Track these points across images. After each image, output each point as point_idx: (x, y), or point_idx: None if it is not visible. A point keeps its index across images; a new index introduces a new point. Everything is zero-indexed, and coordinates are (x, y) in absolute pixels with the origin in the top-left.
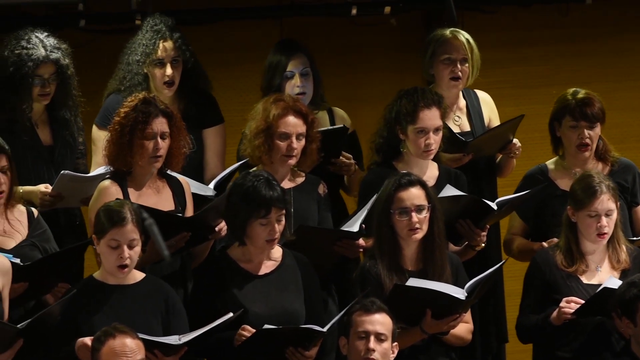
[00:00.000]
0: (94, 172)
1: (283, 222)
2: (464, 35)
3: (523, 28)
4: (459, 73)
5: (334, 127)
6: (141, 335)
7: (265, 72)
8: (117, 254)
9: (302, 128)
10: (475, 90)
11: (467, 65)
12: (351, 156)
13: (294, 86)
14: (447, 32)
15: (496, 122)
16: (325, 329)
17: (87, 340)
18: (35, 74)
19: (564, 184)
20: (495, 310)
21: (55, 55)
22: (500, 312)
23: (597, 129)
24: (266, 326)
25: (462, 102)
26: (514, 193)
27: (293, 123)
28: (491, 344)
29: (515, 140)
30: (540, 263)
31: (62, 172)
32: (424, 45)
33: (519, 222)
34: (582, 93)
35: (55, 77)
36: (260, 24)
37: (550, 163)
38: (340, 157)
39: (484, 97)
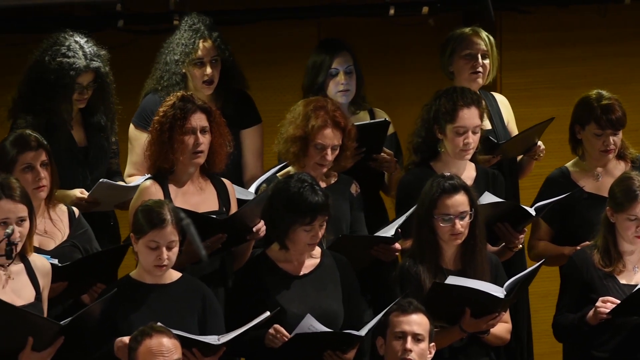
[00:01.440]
0: (132, 183)
1: (325, 225)
2: (484, 33)
3: (561, 28)
4: (480, 68)
5: (376, 120)
6: (181, 333)
7: (309, 70)
8: (155, 255)
9: (338, 140)
10: (492, 93)
11: (487, 60)
12: (392, 153)
13: (338, 83)
14: (468, 29)
15: (513, 124)
16: (363, 333)
17: (126, 339)
18: (75, 82)
19: (587, 185)
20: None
21: (96, 64)
22: (524, 312)
23: (620, 134)
24: (307, 323)
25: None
26: (537, 197)
27: (330, 136)
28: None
29: (539, 143)
30: (578, 262)
31: (100, 180)
32: (443, 44)
33: (544, 226)
34: (605, 99)
35: (93, 84)
36: (299, 24)
37: (570, 165)
38: (382, 154)
39: (501, 99)
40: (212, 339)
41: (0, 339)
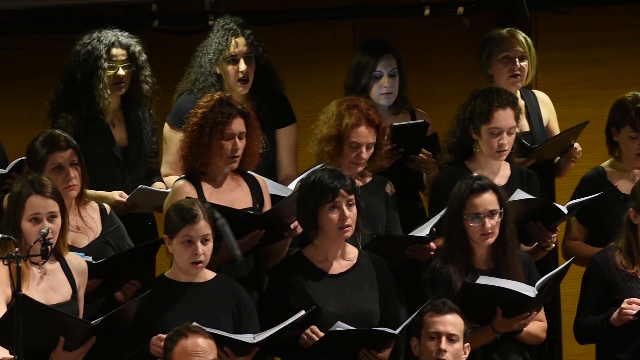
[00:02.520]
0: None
1: (354, 210)
2: (521, 34)
3: (597, 28)
4: (518, 71)
5: (415, 121)
6: (215, 331)
7: (352, 71)
8: (191, 251)
9: (372, 138)
10: (534, 91)
11: (525, 62)
12: (430, 154)
13: (381, 86)
14: (504, 31)
15: (554, 123)
16: (397, 331)
17: (163, 337)
18: (108, 58)
19: (623, 186)
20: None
21: (126, 40)
22: (555, 312)
23: None
24: (337, 327)
25: (520, 102)
26: (572, 197)
27: (365, 134)
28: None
29: (576, 145)
30: (600, 263)
31: (139, 186)
32: (480, 46)
33: (578, 226)
34: None
35: (128, 65)
36: (334, 25)
37: (606, 165)
38: (420, 154)
39: (542, 97)
40: (247, 338)
41: (32, 338)
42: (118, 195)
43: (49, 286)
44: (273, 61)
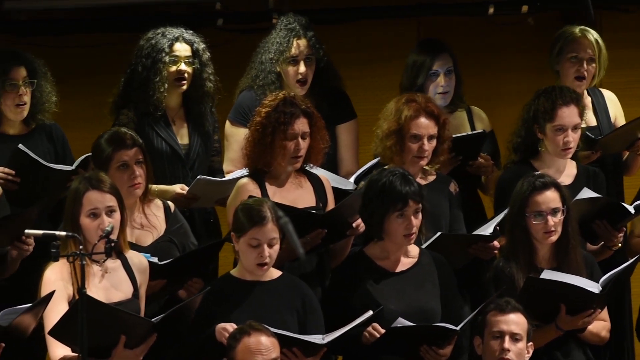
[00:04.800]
0: (230, 176)
1: (420, 217)
2: (593, 35)
3: None
4: (584, 73)
5: (473, 132)
6: (286, 333)
7: (408, 70)
8: (257, 253)
9: (433, 129)
10: (601, 89)
11: (593, 65)
12: (489, 157)
13: (437, 85)
14: (577, 30)
15: (622, 120)
16: (458, 327)
17: (228, 326)
18: (170, 52)
19: None
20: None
21: (190, 37)
22: (625, 312)
23: None
24: (398, 323)
25: (587, 99)
26: (637, 195)
27: (425, 125)
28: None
29: None
30: None
31: (198, 177)
32: (553, 41)
33: None
34: None
35: (191, 61)
36: (397, 23)
37: None
38: (478, 159)
39: (609, 95)
40: (316, 339)
41: (94, 337)
42: (179, 188)
43: (110, 284)
44: (335, 59)
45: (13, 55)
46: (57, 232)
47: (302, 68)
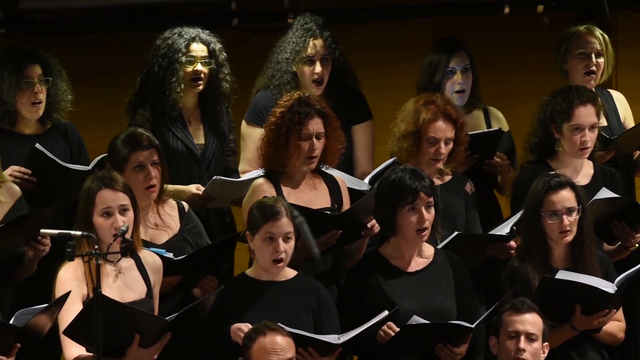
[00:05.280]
0: (245, 176)
1: (432, 211)
2: (598, 30)
3: None
4: (594, 67)
5: (489, 130)
6: (302, 332)
7: (425, 70)
8: (272, 248)
9: (451, 133)
10: (609, 90)
11: (601, 59)
12: (505, 157)
13: (454, 83)
14: (582, 27)
15: (631, 120)
16: (473, 325)
17: (243, 326)
18: (187, 52)
19: None
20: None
21: (207, 37)
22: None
23: None
24: (412, 321)
25: None
26: None
27: (442, 128)
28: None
29: None
30: None
31: (214, 177)
32: (558, 42)
33: None
34: None
35: (207, 62)
36: (413, 23)
37: None
38: (495, 158)
39: (617, 96)
40: (332, 338)
41: (108, 336)
42: (195, 188)
43: (123, 284)
44: (351, 59)
45: (28, 53)
46: (72, 232)
47: (318, 68)
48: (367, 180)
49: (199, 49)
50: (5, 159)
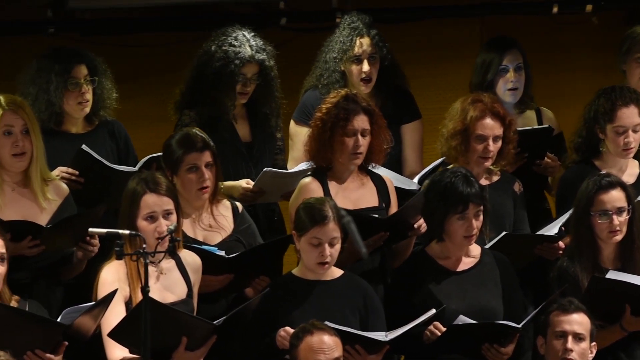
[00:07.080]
0: (295, 168)
1: (481, 218)
2: None
3: None
4: None
5: (538, 127)
6: (349, 330)
7: (478, 68)
8: (318, 252)
9: (499, 130)
10: None
11: None
12: (556, 158)
13: (507, 81)
14: None
15: None
16: (520, 325)
17: (290, 329)
18: (240, 72)
19: None
20: None
21: (261, 56)
22: None
23: None
24: (459, 321)
25: None
26: None
27: (490, 126)
28: None
29: None
30: None
31: (264, 169)
32: (621, 40)
33: None
34: None
35: (257, 78)
36: (462, 23)
37: None
38: (545, 159)
39: None
40: (379, 336)
41: (156, 339)
42: (245, 183)
43: (164, 285)
44: (400, 59)
45: (74, 54)
46: (120, 231)
47: (365, 67)
48: (416, 179)
49: (251, 70)
50: (52, 158)
